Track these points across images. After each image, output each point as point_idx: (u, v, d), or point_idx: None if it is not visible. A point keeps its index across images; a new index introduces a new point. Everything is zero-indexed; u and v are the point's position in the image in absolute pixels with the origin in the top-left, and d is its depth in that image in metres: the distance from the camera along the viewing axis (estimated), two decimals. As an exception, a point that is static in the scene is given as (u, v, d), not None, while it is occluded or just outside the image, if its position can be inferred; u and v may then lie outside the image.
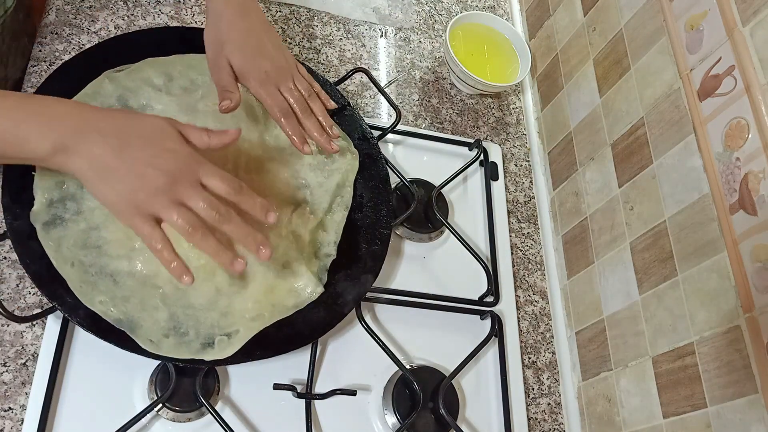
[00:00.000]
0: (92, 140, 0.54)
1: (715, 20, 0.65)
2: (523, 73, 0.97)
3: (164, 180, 0.55)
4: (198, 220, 0.56)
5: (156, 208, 0.55)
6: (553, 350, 0.85)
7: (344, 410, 0.71)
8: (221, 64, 0.71)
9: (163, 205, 0.55)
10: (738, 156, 0.61)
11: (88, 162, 0.54)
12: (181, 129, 0.59)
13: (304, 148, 0.73)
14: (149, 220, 0.56)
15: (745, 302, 0.59)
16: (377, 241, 0.76)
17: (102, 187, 0.55)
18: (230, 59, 0.70)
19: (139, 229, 0.56)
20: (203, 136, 0.60)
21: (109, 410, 0.64)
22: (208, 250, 0.57)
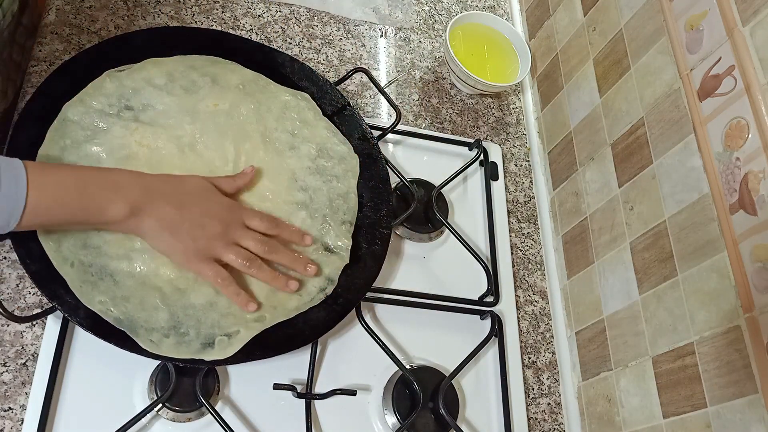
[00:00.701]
0: (158, 202, 0.63)
1: (715, 20, 0.65)
2: (523, 73, 0.97)
3: (220, 227, 0.65)
4: (252, 255, 0.66)
5: (217, 251, 0.65)
6: (553, 350, 0.85)
7: (344, 410, 0.71)
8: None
9: (222, 247, 0.65)
10: (738, 156, 0.61)
11: (157, 221, 0.62)
12: (215, 183, 0.69)
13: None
14: (212, 262, 0.65)
15: (745, 302, 0.59)
16: (377, 241, 0.76)
17: (170, 240, 0.63)
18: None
19: (205, 271, 0.65)
20: (231, 183, 0.70)
21: (109, 410, 0.64)
22: (265, 278, 0.67)
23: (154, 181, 0.65)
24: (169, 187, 0.65)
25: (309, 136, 0.78)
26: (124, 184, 0.62)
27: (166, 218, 0.63)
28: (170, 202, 0.63)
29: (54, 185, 0.57)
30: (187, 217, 0.64)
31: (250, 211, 0.70)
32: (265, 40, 0.91)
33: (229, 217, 0.67)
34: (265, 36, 0.92)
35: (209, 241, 0.64)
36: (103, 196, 0.60)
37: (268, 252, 0.67)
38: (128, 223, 0.61)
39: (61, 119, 0.68)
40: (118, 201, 0.60)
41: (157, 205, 0.62)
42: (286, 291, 0.68)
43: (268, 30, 0.93)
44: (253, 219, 0.68)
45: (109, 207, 0.60)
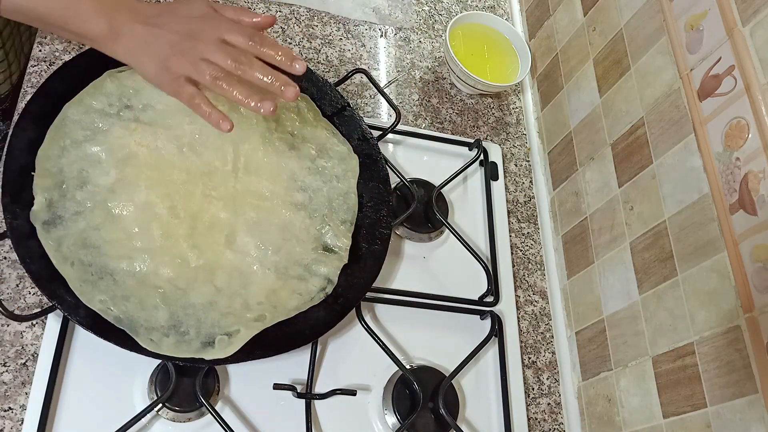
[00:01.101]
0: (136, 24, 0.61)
1: (715, 20, 0.65)
2: (523, 73, 0.97)
3: (187, 41, 0.60)
4: (221, 71, 0.60)
5: (184, 69, 0.60)
6: (553, 350, 0.85)
7: (344, 410, 0.71)
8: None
9: (190, 63, 0.60)
10: (738, 156, 0.61)
11: (132, 42, 0.61)
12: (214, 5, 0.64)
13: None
14: (184, 82, 0.61)
15: (745, 302, 0.59)
16: (377, 241, 0.76)
17: (144, 61, 0.61)
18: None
19: (177, 91, 0.61)
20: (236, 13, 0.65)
21: (109, 410, 0.64)
22: (234, 96, 0.60)
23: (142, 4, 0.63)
24: (154, 10, 0.63)
25: (309, 137, 0.78)
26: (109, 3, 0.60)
27: (139, 38, 0.61)
28: (146, 22, 0.61)
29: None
30: (156, 34, 0.61)
31: (229, 24, 0.63)
32: (265, 40, 0.91)
33: (200, 30, 0.61)
34: (265, 36, 0.92)
35: (177, 58, 0.60)
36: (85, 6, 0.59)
37: (238, 68, 0.60)
38: (107, 43, 0.61)
39: (61, 119, 0.68)
40: (97, 17, 0.59)
41: (133, 25, 0.60)
42: (259, 112, 0.60)
43: (267, 30, 0.93)
44: (231, 33, 0.62)
45: (88, 20, 0.59)
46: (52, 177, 0.65)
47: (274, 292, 0.68)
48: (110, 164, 0.67)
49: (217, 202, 0.69)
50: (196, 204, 0.68)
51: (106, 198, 0.65)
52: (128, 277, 0.64)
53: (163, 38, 0.60)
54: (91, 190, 0.66)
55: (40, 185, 0.64)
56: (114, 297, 0.62)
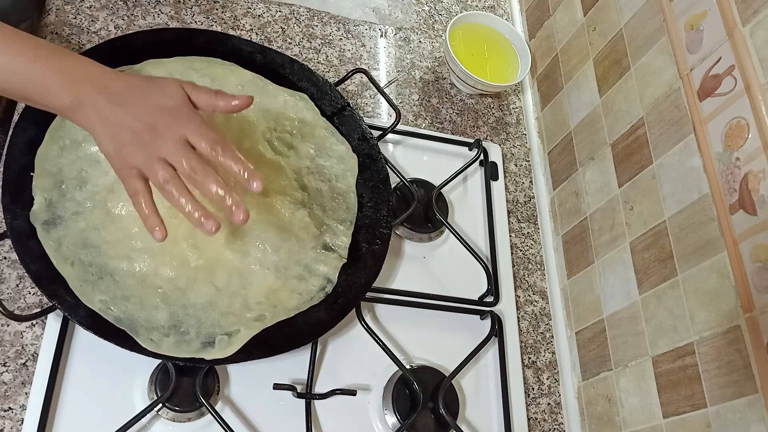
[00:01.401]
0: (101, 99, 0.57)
1: (715, 20, 0.65)
2: (523, 73, 0.97)
3: (148, 134, 0.56)
4: (173, 175, 0.56)
5: (138, 161, 0.56)
6: (553, 350, 0.85)
7: (344, 410, 0.71)
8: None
9: (146, 159, 0.56)
10: (738, 156, 0.61)
11: (94, 117, 0.57)
12: (189, 90, 0.60)
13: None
14: (136, 173, 0.57)
15: (745, 302, 0.59)
16: (377, 241, 0.76)
17: (102, 139, 0.58)
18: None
19: (125, 181, 0.57)
20: (210, 97, 0.60)
21: (109, 410, 0.64)
22: (179, 206, 0.56)
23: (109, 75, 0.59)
24: (122, 84, 0.59)
25: (308, 136, 0.78)
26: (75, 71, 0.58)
27: (101, 115, 0.57)
28: (111, 99, 0.57)
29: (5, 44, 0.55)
30: (120, 116, 0.57)
31: (197, 125, 0.57)
32: (265, 40, 0.92)
33: (165, 125, 0.57)
34: (265, 36, 0.92)
35: (135, 149, 0.56)
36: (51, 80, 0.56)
37: (193, 176, 0.56)
38: (69, 113, 0.58)
39: (61, 119, 0.68)
40: (61, 88, 0.57)
41: (97, 100, 0.57)
42: (202, 230, 0.56)
43: (268, 30, 0.93)
44: (194, 135, 0.57)
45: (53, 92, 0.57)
46: (52, 177, 0.65)
47: (274, 292, 0.68)
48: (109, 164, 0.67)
49: None
50: None
51: (105, 198, 0.65)
52: (128, 277, 0.64)
53: (125, 123, 0.57)
54: (90, 190, 0.65)
55: (39, 185, 0.64)
56: (114, 297, 0.62)
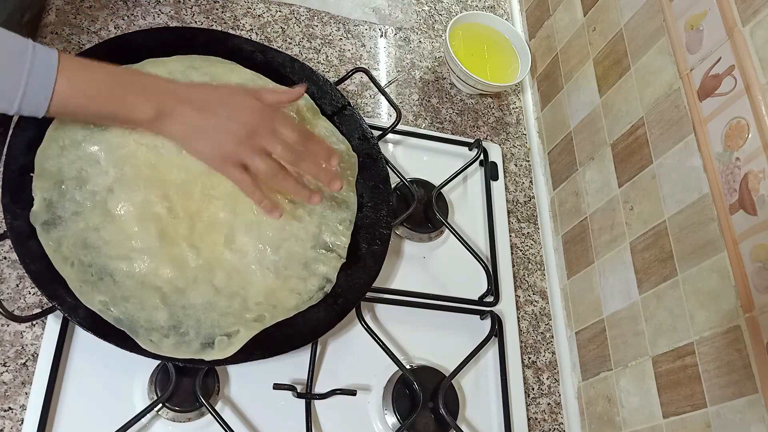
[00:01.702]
0: (184, 107, 0.64)
1: (715, 20, 0.65)
2: (523, 73, 0.97)
3: (245, 131, 0.64)
4: (278, 165, 0.66)
5: (241, 156, 0.65)
6: (553, 350, 0.85)
7: (344, 410, 0.71)
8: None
9: (247, 152, 0.65)
10: (738, 156, 0.61)
11: (182, 125, 0.64)
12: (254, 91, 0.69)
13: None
14: (238, 167, 0.65)
15: (745, 302, 0.59)
16: (377, 241, 0.76)
17: (196, 144, 0.65)
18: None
19: (231, 175, 0.66)
20: (273, 95, 0.69)
21: (109, 410, 0.64)
22: (289, 188, 0.67)
23: (185, 87, 0.66)
24: (199, 94, 0.66)
25: None
26: (154, 88, 0.64)
27: (190, 122, 0.64)
28: (196, 107, 0.64)
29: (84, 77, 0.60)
30: (211, 121, 0.64)
31: (282, 118, 0.68)
32: (265, 40, 0.91)
33: (257, 122, 0.66)
34: (265, 36, 0.92)
35: (235, 146, 0.64)
36: (131, 97, 0.62)
37: (295, 161, 0.67)
38: (154, 125, 0.64)
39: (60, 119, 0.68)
40: (145, 103, 0.62)
41: (182, 109, 0.64)
42: (310, 203, 0.69)
43: (268, 30, 0.93)
44: (284, 126, 0.67)
45: (136, 108, 0.62)
46: (51, 177, 0.65)
47: (273, 292, 0.68)
48: (109, 163, 0.67)
49: (216, 201, 0.69)
50: (194, 203, 0.68)
51: (105, 198, 0.65)
52: (128, 277, 0.64)
53: (219, 126, 0.64)
54: (90, 190, 0.65)
55: (39, 186, 0.64)
56: (114, 298, 0.62)
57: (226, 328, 0.65)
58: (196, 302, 0.65)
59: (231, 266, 0.68)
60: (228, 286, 0.67)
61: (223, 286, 0.66)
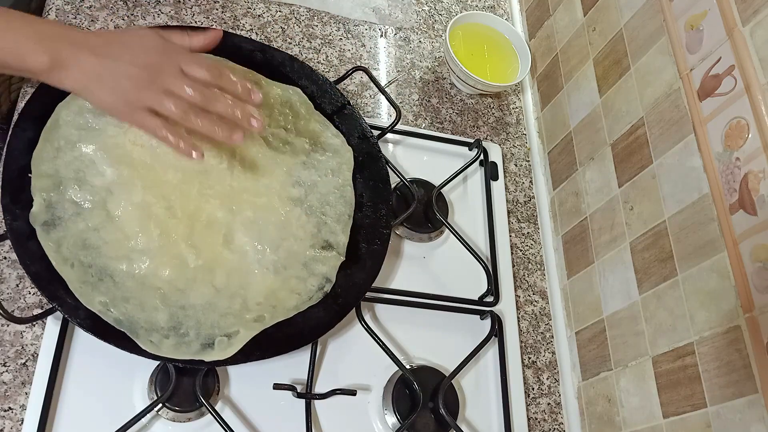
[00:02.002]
0: (83, 55, 0.59)
1: (714, 20, 0.65)
2: (523, 73, 0.97)
3: (147, 74, 0.60)
4: (188, 104, 0.61)
5: (147, 101, 0.60)
6: (553, 350, 0.85)
7: (344, 410, 0.71)
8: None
9: (153, 96, 0.60)
10: (738, 156, 0.61)
11: (81, 74, 0.59)
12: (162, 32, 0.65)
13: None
14: (146, 112, 0.61)
15: (745, 302, 0.59)
16: (377, 240, 0.76)
17: (99, 93, 0.61)
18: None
19: (140, 123, 0.62)
20: (184, 37, 0.65)
21: (109, 410, 0.64)
22: (205, 129, 0.62)
23: (84, 34, 0.61)
24: (98, 38, 0.61)
25: (302, 131, 0.78)
26: (49, 35, 0.59)
27: (90, 70, 0.59)
28: (95, 53, 0.59)
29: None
30: (111, 66, 0.60)
31: (189, 56, 0.63)
32: (265, 40, 0.91)
33: (160, 63, 0.61)
34: (265, 36, 0.92)
35: (139, 91, 0.60)
36: (24, 43, 0.58)
37: (205, 102, 0.61)
38: (52, 75, 0.59)
39: (55, 119, 0.68)
40: (38, 52, 0.58)
41: (80, 56, 0.59)
42: (231, 142, 0.64)
43: (268, 30, 0.93)
44: (191, 65, 0.62)
45: (29, 56, 0.58)
46: (50, 178, 0.65)
47: (273, 292, 0.68)
48: (105, 164, 0.67)
49: (214, 200, 0.69)
50: (192, 203, 0.68)
51: (104, 198, 0.65)
52: (128, 278, 0.64)
53: (120, 70, 0.60)
54: (88, 191, 0.65)
55: (38, 186, 0.64)
56: (114, 298, 0.62)
57: (226, 328, 0.65)
58: (196, 303, 0.65)
59: (230, 266, 0.68)
60: (228, 287, 0.67)
61: (223, 287, 0.66)
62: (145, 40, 0.62)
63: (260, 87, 0.79)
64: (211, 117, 0.62)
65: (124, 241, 0.65)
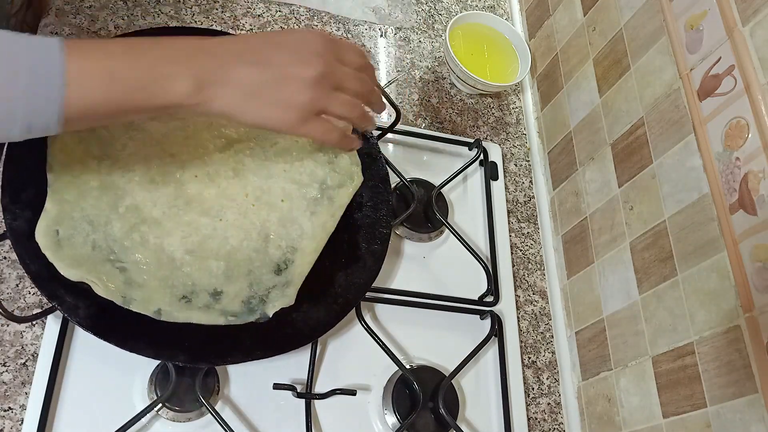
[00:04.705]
0: (231, 65, 0.50)
1: (714, 20, 0.65)
2: (522, 72, 0.97)
3: (316, 72, 0.53)
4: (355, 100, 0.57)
5: (322, 102, 0.54)
6: (552, 350, 0.85)
7: (344, 410, 0.71)
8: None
9: (327, 95, 0.54)
10: (738, 156, 0.61)
11: (237, 89, 0.50)
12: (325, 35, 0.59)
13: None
14: (318, 118, 0.55)
15: (744, 302, 0.59)
16: (377, 240, 0.76)
17: (262, 108, 0.52)
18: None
19: (312, 131, 0.55)
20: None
21: (109, 410, 0.64)
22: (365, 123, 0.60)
23: (221, 42, 0.52)
24: (241, 44, 0.53)
25: None
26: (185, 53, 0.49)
27: (246, 82, 0.50)
28: (246, 60, 0.51)
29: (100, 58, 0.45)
30: (272, 72, 0.51)
31: (342, 43, 0.58)
32: (264, 40, 0.91)
33: (325, 55, 0.54)
34: (264, 36, 0.92)
35: (311, 92, 0.53)
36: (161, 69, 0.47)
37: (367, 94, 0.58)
38: (198, 100, 0.49)
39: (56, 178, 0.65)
40: (180, 75, 0.48)
41: (229, 68, 0.50)
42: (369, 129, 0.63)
43: (268, 30, 0.93)
44: (348, 52, 0.57)
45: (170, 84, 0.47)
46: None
47: None
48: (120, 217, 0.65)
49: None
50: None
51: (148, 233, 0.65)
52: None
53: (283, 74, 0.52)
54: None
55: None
56: None
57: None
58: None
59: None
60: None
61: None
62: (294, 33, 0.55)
63: None
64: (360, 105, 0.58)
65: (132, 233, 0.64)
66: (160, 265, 0.64)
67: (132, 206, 0.65)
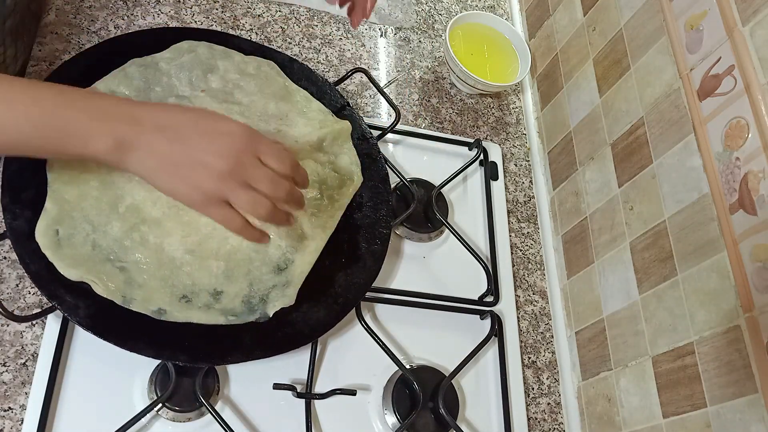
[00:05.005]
0: (151, 135, 0.54)
1: (714, 20, 0.65)
2: (522, 72, 0.97)
3: (228, 166, 0.56)
4: (264, 199, 0.58)
5: (224, 194, 0.57)
6: (552, 350, 0.85)
7: (344, 410, 0.71)
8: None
9: (231, 188, 0.57)
10: (738, 156, 0.61)
11: (150, 158, 0.55)
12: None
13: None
14: (221, 204, 0.57)
15: (744, 302, 0.59)
16: (377, 240, 0.76)
17: (169, 182, 0.56)
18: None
19: (214, 215, 0.58)
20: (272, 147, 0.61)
21: (109, 410, 0.64)
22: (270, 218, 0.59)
23: (151, 110, 0.56)
24: (169, 118, 0.56)
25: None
26: (113, 112, 0.54)
27: (160, 155, 0.54)
28: (166, 135, 0.54)
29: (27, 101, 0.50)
30: (186, 153, 0.55)
31: (266, 144, 0.59)
32: (264, 40, 0.91)
33: (240, 153, 0.57)
34: (264, 36, 0.92)
35: (217, 183, 0.56)
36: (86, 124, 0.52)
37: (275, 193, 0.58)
38: (112, 157, 0.54)
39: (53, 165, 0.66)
40: (102, 133, 0.52)
41: (148, 138, 0.54)
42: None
43: (267, 30, 0.93)
44: (269, 156, 0.59)
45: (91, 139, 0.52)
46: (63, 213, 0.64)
47: None
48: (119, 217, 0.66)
49: None
50: None
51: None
52: None
53: (196, 159, 0.55)
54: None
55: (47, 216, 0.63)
56: None
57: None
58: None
59: None
60: None
61: None
62: (220, 123, 0.58)
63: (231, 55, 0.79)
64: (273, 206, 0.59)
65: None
66: (160, 265, 0.64)
67: (132, 206, 0.65)
